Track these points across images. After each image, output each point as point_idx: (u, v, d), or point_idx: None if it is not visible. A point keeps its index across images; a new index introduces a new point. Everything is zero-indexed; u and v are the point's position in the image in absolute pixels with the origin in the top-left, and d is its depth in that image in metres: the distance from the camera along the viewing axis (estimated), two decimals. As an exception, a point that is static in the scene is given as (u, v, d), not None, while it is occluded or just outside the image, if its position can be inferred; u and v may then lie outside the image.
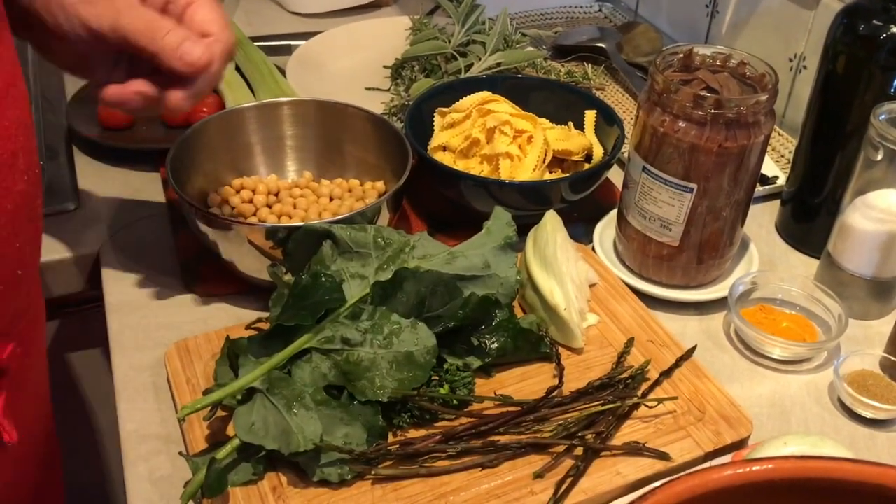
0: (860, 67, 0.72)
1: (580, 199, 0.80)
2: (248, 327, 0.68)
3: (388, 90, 1.01)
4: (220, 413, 0.60)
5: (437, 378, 0.62)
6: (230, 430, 0.59)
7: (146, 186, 0.88)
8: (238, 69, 1.02)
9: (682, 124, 0.66)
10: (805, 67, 0.95)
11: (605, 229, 0.81)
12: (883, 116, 0.68)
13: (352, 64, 1.06)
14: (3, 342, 0.55)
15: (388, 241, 0.66)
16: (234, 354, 0.61)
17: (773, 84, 0.67)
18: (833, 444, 0.50)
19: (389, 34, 1.08)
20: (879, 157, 0.67)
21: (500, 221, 0.68)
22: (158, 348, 0.69)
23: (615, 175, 0.88)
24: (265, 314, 0.67)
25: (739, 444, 0.61)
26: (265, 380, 0.57)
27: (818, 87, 0.76)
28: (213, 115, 0.77)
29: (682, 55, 0.71)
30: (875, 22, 0.70)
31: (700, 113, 0.66)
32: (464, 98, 0.84)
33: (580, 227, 0.83)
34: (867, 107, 0.70)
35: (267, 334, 0.61)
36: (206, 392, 0.58)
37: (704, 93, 0.66)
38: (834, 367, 0.66)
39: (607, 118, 0.83)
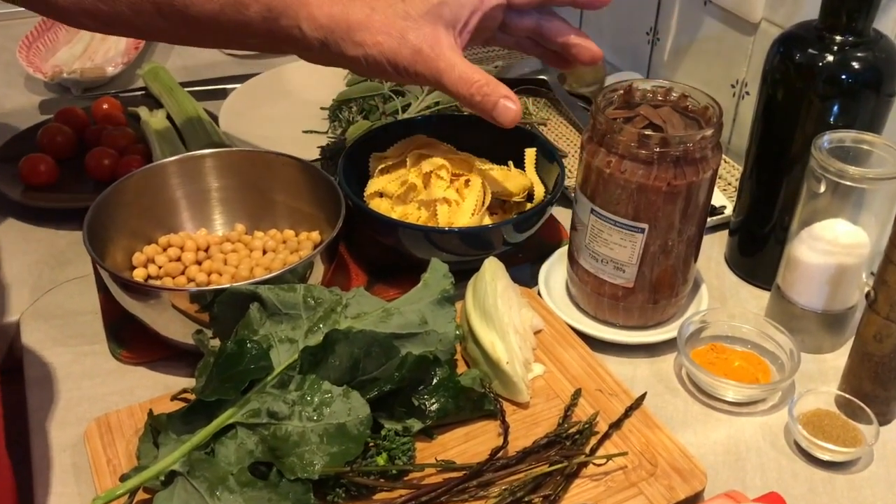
0: (799, 96, 0.70)
1: (524, 240, 0.77)
2: (173, 398, 0.64)
3: (327, 133, 0.98)
4: (143, 496, 0.56)
5: (374, 445, 0.58)
6: (153, 515, 0.55)
7: (72, 247, 0.83)
8: (170, 118, 0.98)
9: (628, 164, 0.64)
10: (748, 93, 0.94)
11: (552, 270, 0.78)
12: (824, 146, 0.66)
13: (289, 107, 1.03)
14: None
15: (318, 301, 0.62)
16: (156, 431, 0.57)
17: (717, 118, 0.65)
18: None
19: (328, 74, 1.05)
20: (822, 188, 0.66)
21: (437, 274, 0.65)
22: (80, 424, 0.65)
23: (560, 211, 0.86)
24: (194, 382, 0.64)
25: (694, 499, 0.58)
26: (186, 461, 0.53)
27: (759, 114, 0.74)
28: (132, 173, 0.73)
29: (622, 91, 0.69)
30: (811, 51, 0.68)
31: (645, 152, 0.63)
32: (398, 142, 0.81)
33: (526, 269, 0.80)
34: (808, 135, 0.68)
35: (189, 408, 0.57)
36: (122, 477, 0.54)
37: (649, 131, 0.64)
38: (788, 409, 0.64)
39: (547, 156, 0.81)
